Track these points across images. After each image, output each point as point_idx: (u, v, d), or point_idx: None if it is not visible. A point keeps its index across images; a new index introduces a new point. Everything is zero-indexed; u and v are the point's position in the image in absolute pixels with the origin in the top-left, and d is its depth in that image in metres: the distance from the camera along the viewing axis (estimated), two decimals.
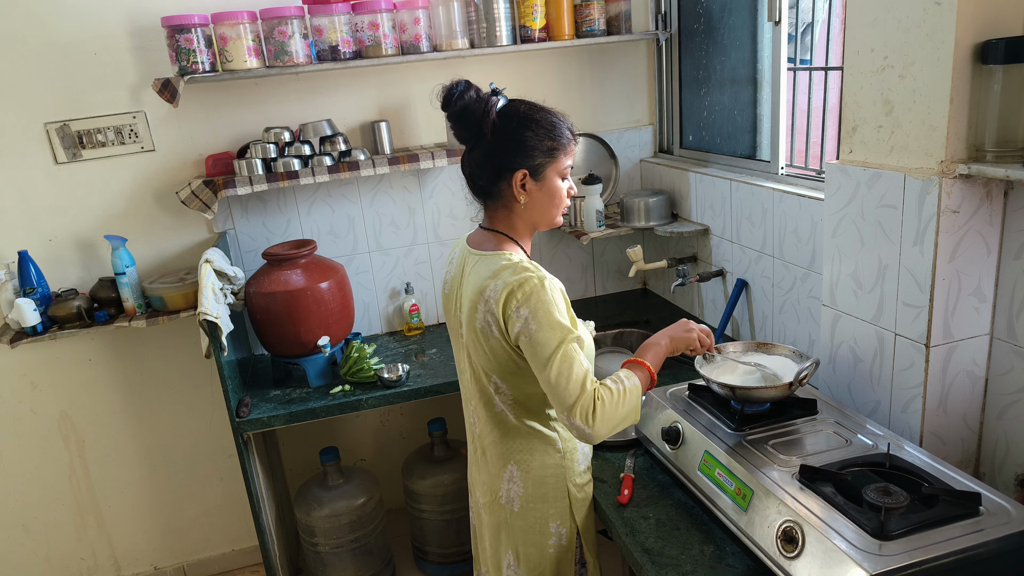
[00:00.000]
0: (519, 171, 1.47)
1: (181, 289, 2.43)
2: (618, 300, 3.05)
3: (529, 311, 1.38)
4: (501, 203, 1.53)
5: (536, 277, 1.41)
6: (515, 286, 1.40)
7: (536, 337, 1.39)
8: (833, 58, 2.30)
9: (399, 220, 2.80)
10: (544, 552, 1.61)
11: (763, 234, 2.22)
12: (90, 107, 2.42)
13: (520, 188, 1.48)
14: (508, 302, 1.41)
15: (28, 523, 2.76)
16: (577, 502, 1.61)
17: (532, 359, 1.42)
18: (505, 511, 1.61)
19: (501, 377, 1.52)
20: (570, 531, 1.61)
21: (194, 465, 2.87)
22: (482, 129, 1.46)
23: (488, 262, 1.49)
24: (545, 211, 1.53)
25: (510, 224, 1.54)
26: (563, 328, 1.40)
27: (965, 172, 1.39)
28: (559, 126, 1.50)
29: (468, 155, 1.53)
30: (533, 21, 2.52)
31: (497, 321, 1.43)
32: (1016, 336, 1.49)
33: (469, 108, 1.45)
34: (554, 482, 1.58)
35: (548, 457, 1.57)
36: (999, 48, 1.33)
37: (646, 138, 2.98)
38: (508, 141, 1.46)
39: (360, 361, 2.41)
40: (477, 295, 1.46)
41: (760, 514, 1.34)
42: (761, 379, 1.66)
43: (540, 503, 1.58)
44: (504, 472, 1.59)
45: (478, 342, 1.50)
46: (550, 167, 1.50)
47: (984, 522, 1.21)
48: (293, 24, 2.27)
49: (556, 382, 1.38)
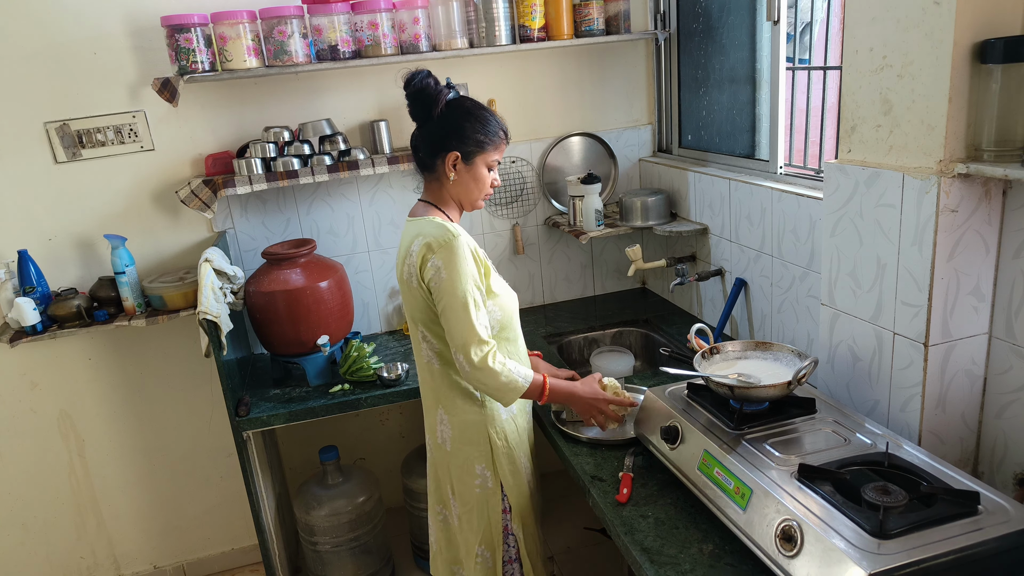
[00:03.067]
0: (452, 152, 1.73)
1: (181, 288, 2.43)
2: (617, 299, 3.05)
3: (442, 261, 1.64)
4: (434, 176, 1.79)
5: (451, 234, 1.66)
6: (431, 240, 1.66)
7: (443, 285, 1.65)
8: (832, 57, 2.31)
9: (398, 219, 2.80)
10: (472, 490, 1.83)
11: (762, 233, 2.22)
12: (90, 107, 2.42)
13: (451, 167, 1.75)
14: (426, 254, 1.66)
15: (28, 522, 2.76)
16: (498, 449, 1.81)
17: (437, 302, 1.68)
18: (442, 450, 1.86)
19: (426, 327, 1.76)
20: (494, 476, 1.83)
21: (194, 464, 2.87)
22: (431, 111, 1.72)
23: (416, 224, 1.75)
24: (469, 192, 1.79)
25: (440, 196, 1.81)
26: (468, 278, 1.65)
27: (964, 171, 1.39)
28: (493, 125, 1.77)
29: (417, 131, 1.79)
30: (532, 21, 2.52)
31: (416, 272, 1.69)
32: (1015, 335, 1.49)
33: (425, 91, 1.71)
34: (475, 428, 1.81)
35: (468, 404, 1.80)
36: (998, 47, 1.33)
37: (645, 137, 2.99)
38: (449, 126, 1.73)
39: (359, 360, 2.41)
40: (405, 250, 1.74)
41: (759, 513, 1.34)
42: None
43: (465, 445, 1.82)
44: (436, 415, 1.85)
45: (405, 292, 1.77)
46: (479, 156, 1.76)
47: (983, 521, 1.21)
48: (292, 24, 2.27)
49: (452, 323, 1.65)
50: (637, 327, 2.80)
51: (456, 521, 1.89)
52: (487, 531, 1.85)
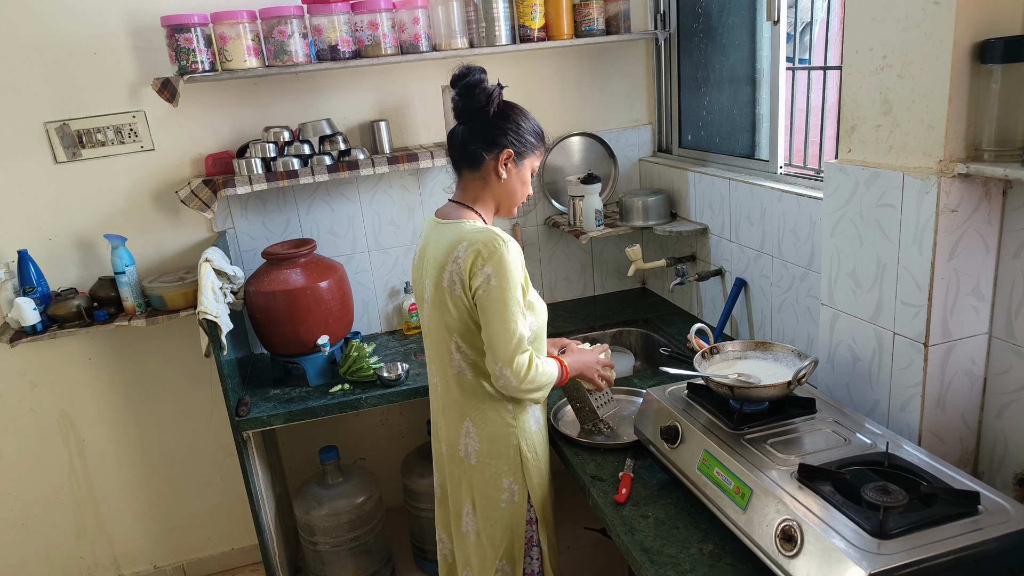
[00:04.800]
0: (508, 149, 1.68)
1: (181, 288, 2.43)
2: (617, 299, 3.05)
3: (492, 269, 1.57)
4: (479, 174, 1.72)
5: (501, 239, 1.59)
6: (481, 246, 1.58)
7: (492, 293, 1.57)
8: (832, 57, 2.31)
9: (398, 219, 2.80)
10: (497, 505, 1.77)
11: (762, 233, 2.22)
12: (90, 106, 2.42)
13: (503, 165, 1.69)
14: (475, 261, 1.58)
15: (28, 522, 2.76)
16: (528, 462, 1.77)
17: (483, 311, 1.60)
18: (464, 463, 1.79)
19: (461, 336, 1.68)
20: (522, 489, 1.78)
21: (194, 464, 2.87)
22: (487, 106, 1.66)
23: (455, 228, 1.67)
24: (513, 193, 1.74)
25: (479, 197, 1.74)
26: (518, 287, 1.60)
27: (964, 171, 1.39)
28: (542, 130, 1.76)
29: (465, 125, 1.70)
30: (532, 21, 2.52)
31: (463, 279, 1.61)
32: (1015, 335, 1.49)
33: (480, 86, 1.65)
34: (505, 440, 1.75)
35: (499, 416, 1.74)
36: (998, 47, 1.33)
37: (645, 137, 2.99)
38: (507, 121, 1.68)
39: (359, 360, 2.41)
40: (446, 256, 1.64)
41: (759, 513, 1.34)
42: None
43: (494, 459, 1.75)
44: (461, 428, 1.77)
45: (442, 300, 1.67)
46: (528, 159, 1.73)
47: (982, 521, 1.21)
48: (292, 24, 2.27)
49: (499, 334, 1.58)
50: (637, 327, 2.80)
51: (474, 536, 1.82)
52: (509, 546, 1.80)
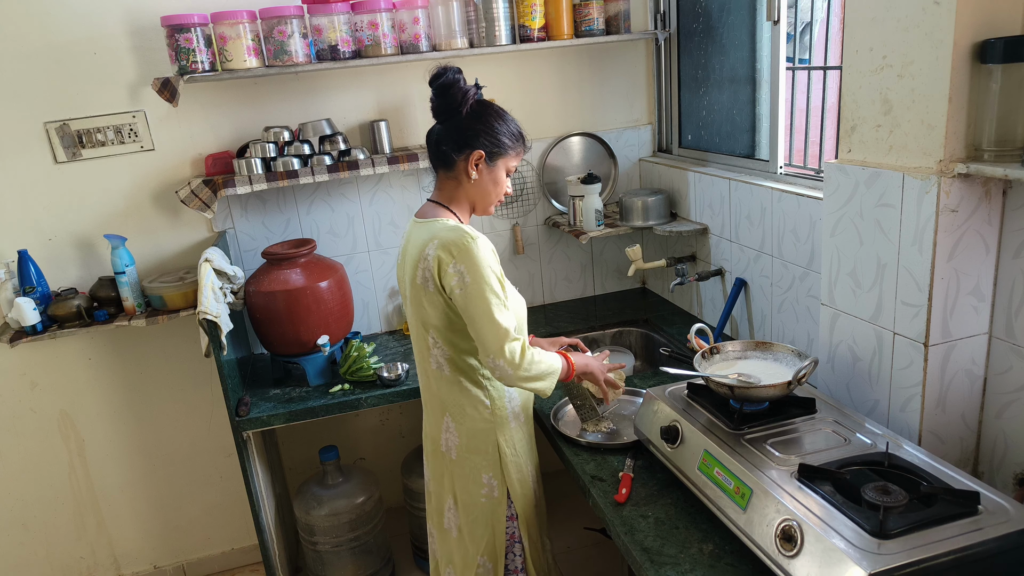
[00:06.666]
0: (478, 151, 1.68)
1: (181, 288, 2.43)
2: (617, 299, 3.05)
3: (465, 266, 1.58)
4: (452, 175, 1.73)
5: (469, 236, 1.61)
6: (450, 244, 1.60)
7: (469, 289, 1.58)
8: (832, 57, 2.31)
9: (398, 219, 2.80)
10: (477, 500, 1.80)
11: (762, 233, 2.22)
12: (90, 106, 2.42)
13: (474, 166, 1.70)
14: (443, 259, 1.60)
15: (28, 522, 2.76)
16: (507, 458, 1.78)
17: (464, 309, 1.61)
18: (445, 458, 1.82)
19: (438, 332, 1.71)
20: (501, 484, 1.79)
21: (194, 464, 2.87)
22: (461, 107, 1.67)
23: (428, 226, 1.69)
24: (486, 194, 1.75)
25: (454, 196, 1.76)
26: (493, 277, 1.60)
27: (964, 171, 1.39)
28: (519, 131, 1.76)
29: (440, 125, 1.73)
30: (532, 20, 2.52)
31: (433, 277, 1.63)
32: (1015, 335, 1.49)
33: (455, 87, 1.67)
34: (484, 436, 1.77)
35: (477, 412, 1.76)
36: (998, 47, 1.33)
37: (645, 137, 2.99)
38: (479, 123, 1.69)
39: (359, 360, 2.41)
40: (419, 253, 1.67)
41: (759, 513, 1.34)
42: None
43: (473, 454, 1.78)
44: (442, 423, 1.80)
45: (418, 297, 1.69)
46: (501, 159, 1.73)
47: (983, 521, 1.21)
48: (292, 24, 2.27)
49: (484, 327, 1.59)
50: (637, 327, 2.80)
51: (456, 532, 1.85)
52: (490, 541, 1.82)
